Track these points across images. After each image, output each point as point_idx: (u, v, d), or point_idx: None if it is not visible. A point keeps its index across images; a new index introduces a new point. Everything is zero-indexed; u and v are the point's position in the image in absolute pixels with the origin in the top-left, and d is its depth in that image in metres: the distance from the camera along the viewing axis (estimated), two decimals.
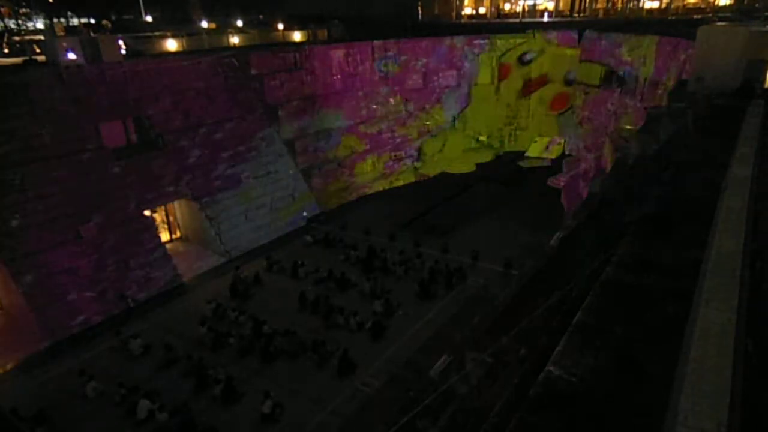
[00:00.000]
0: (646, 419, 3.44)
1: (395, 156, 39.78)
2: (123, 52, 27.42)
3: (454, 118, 42.25)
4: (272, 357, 19.03)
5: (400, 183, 39.18)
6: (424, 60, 40.12)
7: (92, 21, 57.85)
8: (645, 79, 32.44)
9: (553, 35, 41.34)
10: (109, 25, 49.60)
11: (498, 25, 48.20)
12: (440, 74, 40.98)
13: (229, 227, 28.34)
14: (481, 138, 42.49)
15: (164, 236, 28.63)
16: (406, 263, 25.18)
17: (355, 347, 19.02)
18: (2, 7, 55.72)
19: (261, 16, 60.79)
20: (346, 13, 45.07)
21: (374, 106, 38.98)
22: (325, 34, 40.57)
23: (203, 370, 18.06)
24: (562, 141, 42.50)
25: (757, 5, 46.63)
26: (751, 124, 10.33)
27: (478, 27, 48.28)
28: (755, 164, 7.49)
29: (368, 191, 37.45)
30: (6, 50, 37.14)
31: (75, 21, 57.69)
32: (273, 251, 27.78)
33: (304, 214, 32.22)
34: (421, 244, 27.64)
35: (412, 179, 39.59)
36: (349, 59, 36.88)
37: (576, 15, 55.84)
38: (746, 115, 11.32)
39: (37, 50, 29.37)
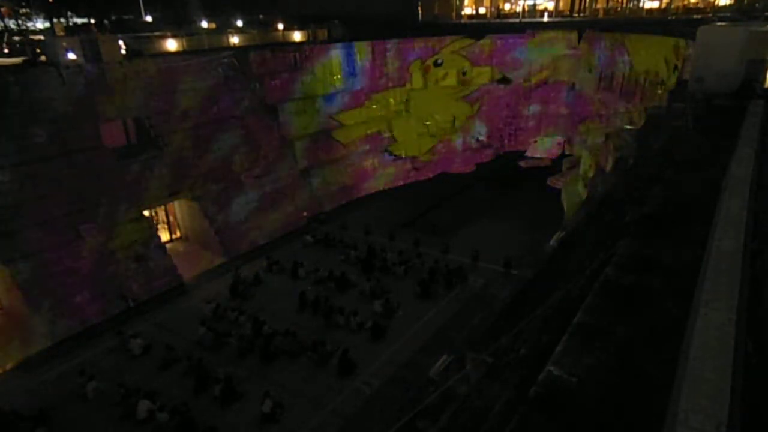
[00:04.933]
0: (646, 419, 3.44)
1: (396, 156, 39.84)
2: (123, 52, 27.36)
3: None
4: (272, 357, 19.03)
5: (400, 183, 39.19)
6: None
7: (92, 21, 57.79)
8: (645, 79, 32.44)
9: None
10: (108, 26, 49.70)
11: (498, 24, 48.19)
12: None
13: (228, 227, 28.34)
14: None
15: (164, 236, 28.65)
16: (406, 263, 25.18)
17: (355, 347, 19.04)
18: (2, 7, 55.67)
19: (261, 16, 60.70)
20: (346, 13, 44.96)
21: (374, 106, 39.00)
22: (325, 34, 40.49)
23: (203, 370, 18.07)
24: (563, 141, 42.54)
25: (757, 5, 46.55)
26: (751, 124, 10.31)
27: (478, 27, 48.27)
28: (755, 164, 7.48)
29: (368, 191, 37.46)
30: (6, 50, 37.05)
31: (77, 21, 57.66)
32: (273, 251, 27.80)
33: (304, 213, 32.23)
34: (421, 244, 27.64)
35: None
36: (349, 58, 36.92)
37: (576, 15, 55.81)
38: (746, 115, 11.30)
39: (37, 50, 29.26)
